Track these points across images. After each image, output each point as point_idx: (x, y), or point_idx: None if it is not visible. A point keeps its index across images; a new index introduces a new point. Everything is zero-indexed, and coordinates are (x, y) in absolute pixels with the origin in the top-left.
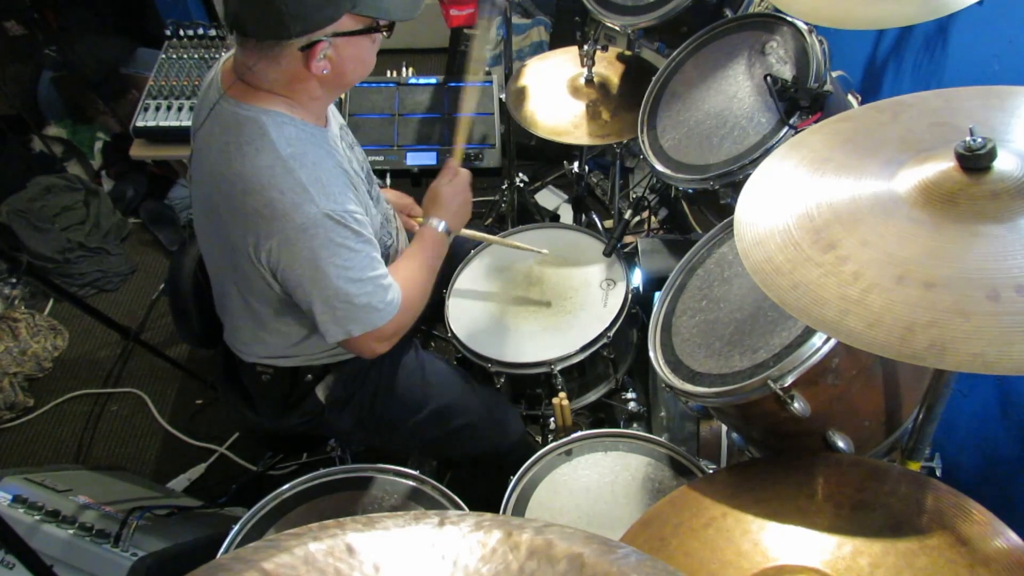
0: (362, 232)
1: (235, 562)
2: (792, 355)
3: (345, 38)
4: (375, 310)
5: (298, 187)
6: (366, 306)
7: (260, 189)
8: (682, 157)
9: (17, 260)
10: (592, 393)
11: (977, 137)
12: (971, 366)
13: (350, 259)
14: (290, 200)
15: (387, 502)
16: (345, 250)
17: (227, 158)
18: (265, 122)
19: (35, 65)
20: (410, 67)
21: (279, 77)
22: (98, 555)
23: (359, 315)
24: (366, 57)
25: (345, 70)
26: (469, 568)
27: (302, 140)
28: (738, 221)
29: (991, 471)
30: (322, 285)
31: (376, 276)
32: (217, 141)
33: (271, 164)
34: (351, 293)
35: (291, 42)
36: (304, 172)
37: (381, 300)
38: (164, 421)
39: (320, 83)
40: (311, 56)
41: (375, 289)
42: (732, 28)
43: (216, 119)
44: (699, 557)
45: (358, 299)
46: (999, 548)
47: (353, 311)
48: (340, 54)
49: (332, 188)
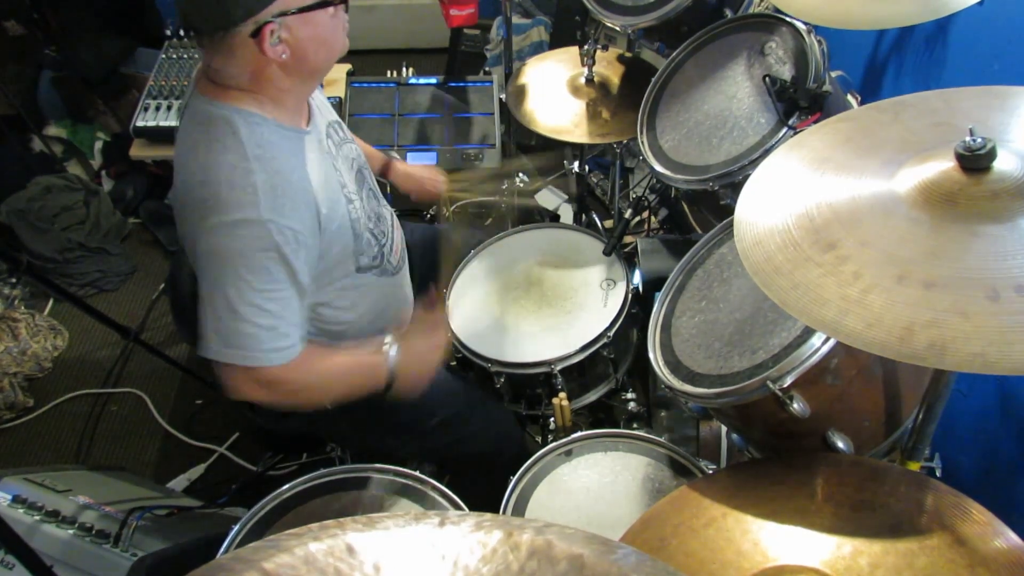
0: (293, 265)
1: (235, 562)
2: (791, 355)
3: (296, 16)
4: (258, 346)
5: (250, 188)
6: (251, 336)
7: (212, 181)
8: (681, 158)
9: (17, 260)
10: (592, 393)
11: (977, 137)
12: (971, 366)
13: (264, 282)
14: (236, 198)
15: (387, 502)
16: (264, 272)
17: (195, 151)
18: (236, 121)
19: (35, 65)
20: (410, 67)
21: (241, 72)
22: (98, 555)
23: (238, 341)
24: (328, 36)
25: (306, 52)
26: (469, 568)
27: (273, 144)
28: (738, 221)
29: (991, 471)
30: (220, 288)
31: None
32: (189, 137)
33: (233, 162)
34: (241, 314)
35: (238, 30)
36: (262, 176)
37: (270, 341)
38: (164, 421)
39: (283, 71)
40: (262, 40)
41: (272, 326)
42: (732, 28)
43: (190, 117)
44: (699, 557)
45: (245, 325)
46: (999, 548)
47: (233, 335)
48: (295, 35)
49: (284, 200)
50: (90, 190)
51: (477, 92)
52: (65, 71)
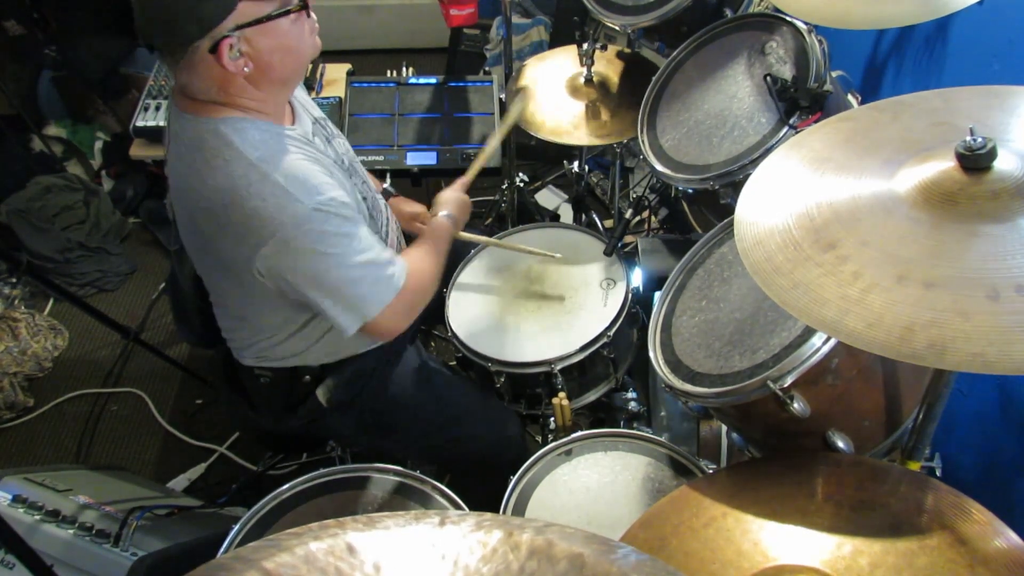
0: (351, 216)
1: (235, 561)
2: (792, 355)
3: (254, 28)
4: (384, 285)
5: (278, 189)
6: (374, 283)
7: (241, 201)
8: (682, 157)
9: (17, 260)
10: (592, 393)
11: (977, 137)
12: (971, 366)
13: (347, 245)
14: (274, 204)
15: (387, 502)
16: (340, 237)
17: (200, 176)
18: (225, 131)
19: (35, 65)
20: (410, 67)
21: (209, 86)
22: (98, 555)
23: (369, 294)
24: (291, 43)
25: (270, 62)
26: (469, 568)
27: (267, 141)
28: (738, 221)
29: (991, 471)
30: (326, 279)
31: (375, 253)
32: (185, 159)
33: (244, 173)
34: (356, 277)
35: (195, 46)
36: (279, 173)
37: (387, 274)
38: (164, 421)
39: (250, 82)
40: (221, 55)
41: (377, 266)
42: (732, 28)
43: (178, 137)
44: (699, 557)
45: (364, 280)
46: (999, 548)
47: (363, 292)
48: (256, 46)
49: (311, 181)
50: (90, 190)
51: (477, 92)
52: (65, 71)
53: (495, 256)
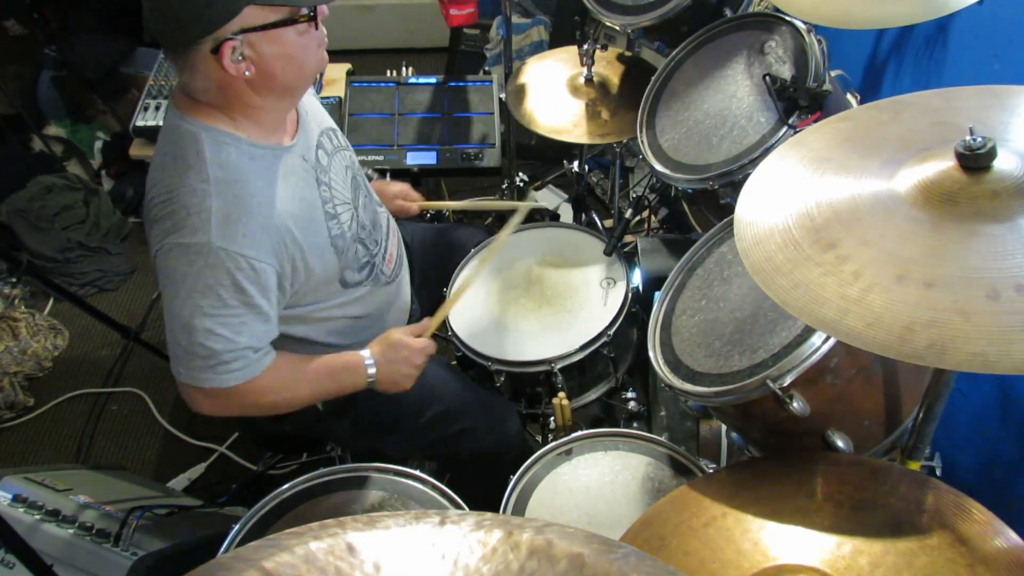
0: (246, 288)
1: (235, 561)
2: (791, 355)
3: (260, 33)
4: (212, 371)
5: (205, 214)
6: (204, 360)
7: (171, 201)
8: (681, 157)
9: (17, 260)
10: (592, 392)
11: (977, 136)
12: (971, 365)
13: (215, 307)
14: (191, 223)
15: (387, 501)
16: (214, 296)
17: (163, 169)
18: (203, 139)
19: (35, 65)
20: (410, 67)
21: (208, 87)
22: (98, 555)
23: (192, 363)
24: (296, 53)
25: (272, 70)
26: (469, 567)
27: (239, 167)
28: (738, 221)
29: (991, 471)
30: (174, 308)
31: (236, 341)
32: (160, 151)
33: (192, 185)
34: (194, 336)
35: (198, 46)
36: (219, 202)
37: (224, 365)
38: (164, 421)
39: (251, 87)
40: (222, 57)
41: (224, 349)
42: (731, 28)
43: (163, 130)
44: (699, 557)
45: (198, 348)
46: (999, 548)
47: (188, 356)
48: (259, 52)
49: (239, 228)
50: (90, 190)
51: (477, 92)
52: (65, 71)
53: (495, 256)
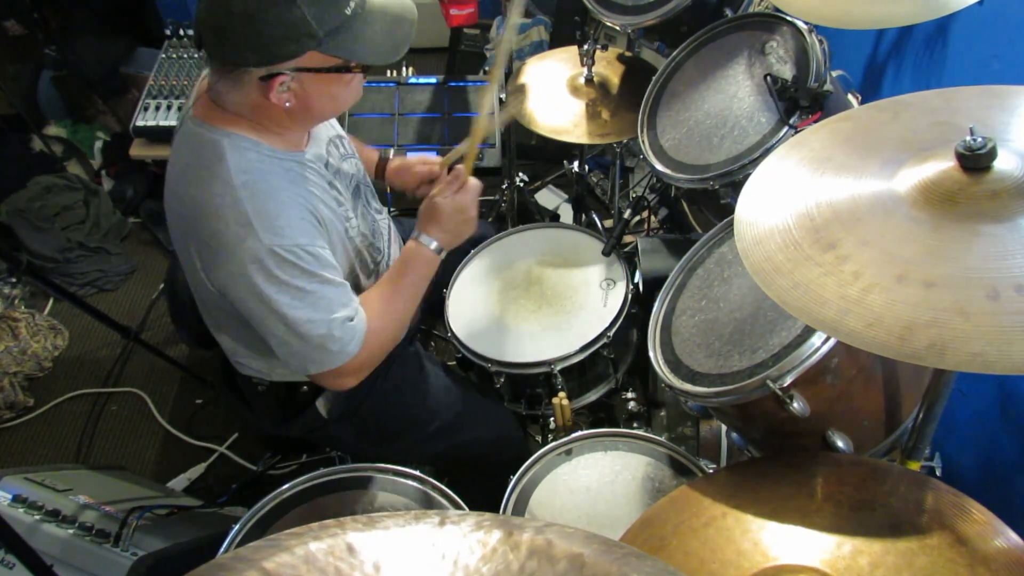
0: (315, 271)
1: (235, 561)
2: (791, 355)
3: (311, 74)
4: (328, 351)
5: (242, 219)
6: (320, 347)
7: (206, 217)
8: (682, 157)
9: (17, 260)
10: (592, 393)
11: (977, 137)
12: (971, 366)
13: (297, 298)
14: (233, 233)
15: (387, 502)
16: (293, 289)
17: (185, 181)
18: (224, 146)
19: (35, 65)
20: (410, 67)
21: (243, 101)
22: (98, 555)
23: (313, 355)
24: (339, 94)
25: (311, 105)
26: (469, 568)
27: (261, 168)
28: (738, 221)
29: (991, 471)
30: (272, 322)
31: (332, 318)
32: (180, 162)
33: (221, 192)
34: (302, 334)
35: (249, 70)
36: (252, 203)
37: (337, 342)
38: (164, 421)
39: (286, 114)
40: (270, 88)
41: (329, 331)
42: (732, 28)
43: (182, 138)
44: (699, 557)
45: (310, 340)
46: (999, 548)
47: (307, 351)
48: (306, 89)
49: (281, 221)
50: (90, 190)
51: (477, 92)
52: (65, 71)
53: (495, 256)
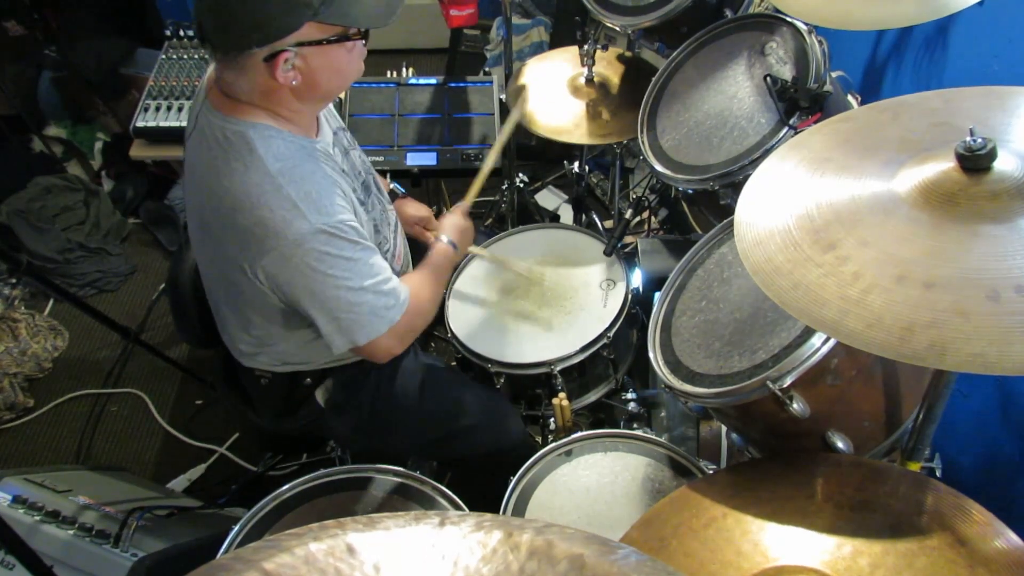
0: (358, 240)
1: (235, 562)
2: (791, 356)
3: (312, 47)
4: (378, 316)
5: (287, 203)
6: (370, 313)
7: (250, 207)
8: (682, 158)
9: (17, 260)
10: (592, 393)
11: (977, 137)
12: (971, 366)
13: (348, 268)
14: (280, 217)
15: (387, 502)
16: (342, 260)
17: (216, 173)
18: (252, 137)
19: (35, 65)
20: (410, 67)
21: (252, 88)
22: (98, 555)
23: (364, 322)
24: (342, 66)
25: (318, 80)
26: (469, 568)
27: (291, 154)
28: (738, 221)
29: (991, 471)
30: (322, 298)
31: (377, 282)
32: (206, 155)
33: (260, 181)
34: (352, 302)
35: (252, 52)
36: (293, 187)
37: (384, 305)
38: (164, 421)
39: (294, 94)
40: (275, 66)
41: (376, 296)
42: (732, 28)
43: (204, 132)
44: (699, 557)
45: (360, 307)
46: (999, 548)
47: (357, 319)
48: (309, 64)
49: (323, 201)
50: (90, 190)
51: (477, 92)
52: (65, 71)
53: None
